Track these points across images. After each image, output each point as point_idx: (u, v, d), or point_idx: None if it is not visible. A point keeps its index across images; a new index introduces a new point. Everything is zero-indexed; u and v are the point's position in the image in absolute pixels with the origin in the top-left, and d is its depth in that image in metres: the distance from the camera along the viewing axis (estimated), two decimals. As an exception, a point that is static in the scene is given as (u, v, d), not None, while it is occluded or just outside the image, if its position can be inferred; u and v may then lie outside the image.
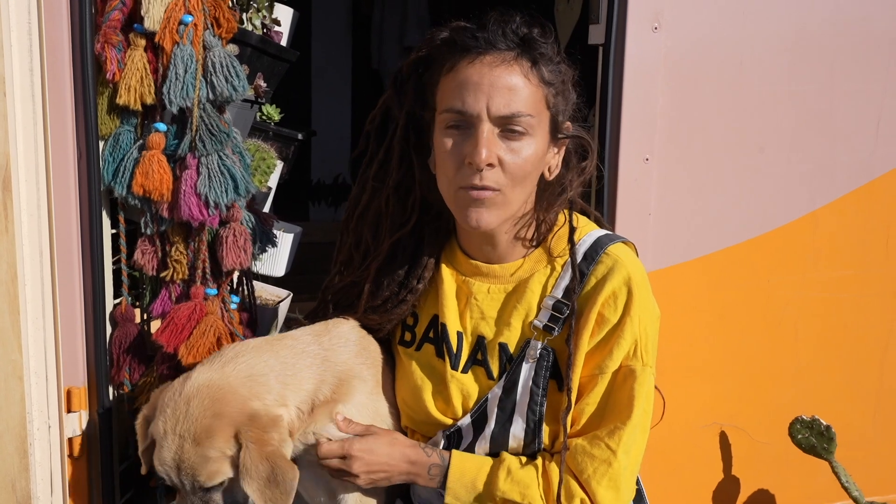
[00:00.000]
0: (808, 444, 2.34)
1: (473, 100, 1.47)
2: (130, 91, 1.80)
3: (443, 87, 1.54)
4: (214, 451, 1.47)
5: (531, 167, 1.52)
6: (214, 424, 1.48)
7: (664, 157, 2.23)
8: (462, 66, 1.50)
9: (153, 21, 1.78)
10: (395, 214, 1.69)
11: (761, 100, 2.31)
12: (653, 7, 2.13)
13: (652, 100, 2.18)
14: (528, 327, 1.60)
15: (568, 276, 1.58)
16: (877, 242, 2.49)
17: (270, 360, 1.61)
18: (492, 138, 1.48)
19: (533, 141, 1.51)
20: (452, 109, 1.50)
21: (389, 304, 1.70)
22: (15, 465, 1.82)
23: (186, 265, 1.91)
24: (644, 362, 1.55)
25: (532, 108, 1.49)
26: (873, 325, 2.54)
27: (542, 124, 1.53)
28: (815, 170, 2.40)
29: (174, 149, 1.85)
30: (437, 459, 1.60)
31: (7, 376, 1.78)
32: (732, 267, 2.38)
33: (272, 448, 1.49)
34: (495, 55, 1.49)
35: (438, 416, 1.64)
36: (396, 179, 1.67)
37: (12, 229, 1.74)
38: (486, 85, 1.47)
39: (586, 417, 1.57)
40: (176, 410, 1.50)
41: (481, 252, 1.65)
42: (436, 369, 1.66)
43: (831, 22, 2.33)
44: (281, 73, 2.70)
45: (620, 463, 1.53)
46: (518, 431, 1.59)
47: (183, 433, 1.48)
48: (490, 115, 1.47)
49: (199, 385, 1.52)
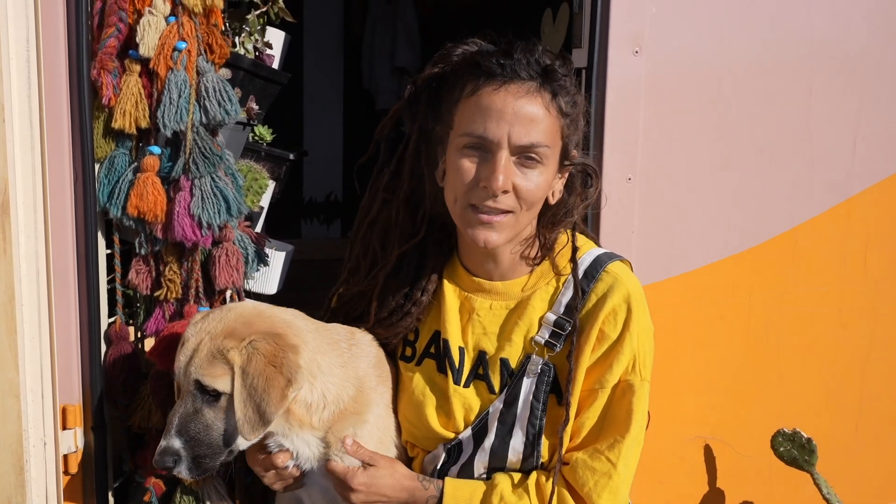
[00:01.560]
0: (789, 457, 2.38)
1: (496, 127, 1.50)
2: (126, 115, 1.85)
3: (463, 108, 1.56)
4: (224, 350, 1.49)
5: (542, 193, 1.57)
6: (239, 328, 1.51)
7: (646, 177, 2.28)
8: (486, 92, 1.52)
9: (148, 48, 1.83)
10: (405, 225, 1.71)
11: (740, 120, 2.36)
12: (634, 31, 2.19)
13: (634, 121, 2.23)
14: (529, 343, 1.63)
15: (569, 293, 1.62)
16: (855, 258, 2.54)
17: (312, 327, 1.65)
18: (509, 165, 1.51)
19: (546, 169, 1.55)
20: (473, 134, 1.52)
21: (395, 316, 1.72)
22: (11, 481, 1.85)
23: (180, 284, 1.95)
24: (642, 377, 1.59)
25: (549, 138, 1.53)
26: (853, 339, 2.59)
27: (555, 153, 1.57)
28: (794, 188, 2.45)
29: (168, 171, 1.89)
30: (433, 491, 1.62)
31: (4, 394, 1.81)
32: (715, 283, 2.42)
33: (276, 371, 1.48)
34: (519, 85, 1.51)
35: (440, 431, 1.66)
36: (407, 191, 1.70)
37: (10, 250, 1.78)
38: (510, 114, 1.50)
39: (586, 431, 1.60)
40: (215, 314, 1.56)
41: (483, 269, 1.68)
42: (437, 384, 1.69)
43: (808, 44, 2.39)
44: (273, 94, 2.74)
45: (620, 475, 1.57)
46: (518, 445, 1.62)
47: (210, 330, 1.52)
48: (510, 144, 1.50)
49: (247, 304, 1.60)
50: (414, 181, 1.70)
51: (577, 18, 2.24)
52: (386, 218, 1.73)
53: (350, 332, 1.74)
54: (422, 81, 1.66)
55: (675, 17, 2.25)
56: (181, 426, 1.51)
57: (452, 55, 1.61)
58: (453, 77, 1.60)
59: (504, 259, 1.66)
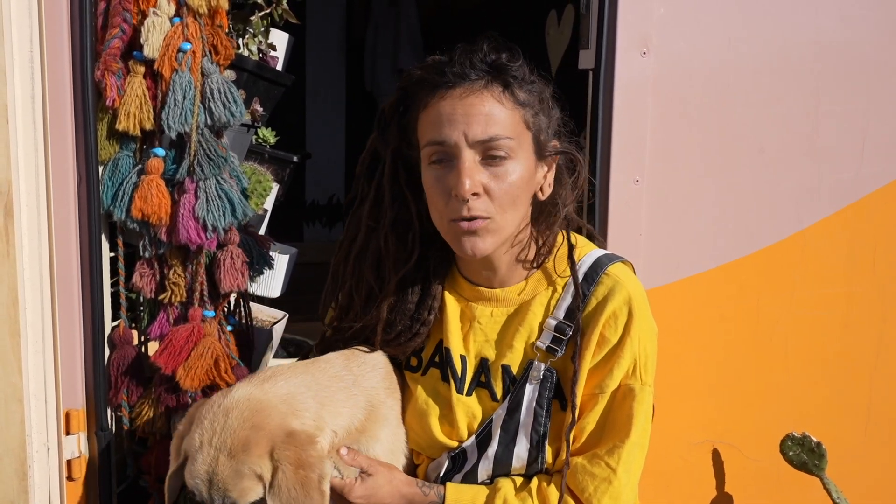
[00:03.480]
0: (799, 461, 2.36)
1: (450, 130, 1.48)
2: (130, 117, 1.84)
3: (421, 123, 1.55)
4: (248, 466, 1.42)
5: (518, 190, 1.53)
6: (252, 436, 1.44)
7: (654, 179, 2.26)
8: (434, 102, 1.51)
9: (152, 49, 1.82)
10: (398, 252, 1.68)
11: (748, 121, 2.35)
12: (641, 32, 2.18)
13: (641, 123, 2.22)
14: (530, 348, 1.61)
15: (569, 296, 1.60)
16: (864, 261, 2.53)
17: (307, 380, 1.58)
18: (474, 167, 1.49)
19: (517, 164, 1.51)
20: (433, 142, 1.51)
21: (403, 337, 1.68)
22: (14, 487, 1.83)
23: (184, 287, 1.93)
24: (643, 381, 1.57)
25: (511, 130, 1.50)
26: (862, 342, 2.57)
27: (525, 145, 1.53)
28: (801, 190, 2.43)
29: (172, 173, 1.88)
30: (434, 497, 1.60)
31: (7, 399, 1.80)
32: (722, 285, 2.40)
33: (308, 474, 1.43)
34: (465, 87, 1.49)
35: (444, 440, 1.64)
36: (392, 217, 1.67)
37: (13, 253, 1.76)
38: (461, 115, 1.48)
39: (586, 436, 1.58)
40: (214, 422, 1.46)
41: (482, 277, 1.66)
42: (441, 394, 1.67)
43: (816, 45, 2.38)
44: (277, 96, 2.73)
45: (621, 481, 1.54)
46: (522, 451, 1.60)
47: (219, 445, 1.43)
48: (469, 142, 1.48)
49: (239, 398, 1.48)
50: (396, 206, 1.67)
51: (583, 19, 2.22)
52: (375, 247, 1.69)
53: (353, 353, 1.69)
54: (388, 108, 1.65)
55: (683, 18, 2.23)
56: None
57: (412, 77, 1.59)
58: (411, 97, 1.60)
59: (501, 265, 1.63)
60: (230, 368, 1.93)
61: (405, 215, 1.67)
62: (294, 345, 3.18)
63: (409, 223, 1.67)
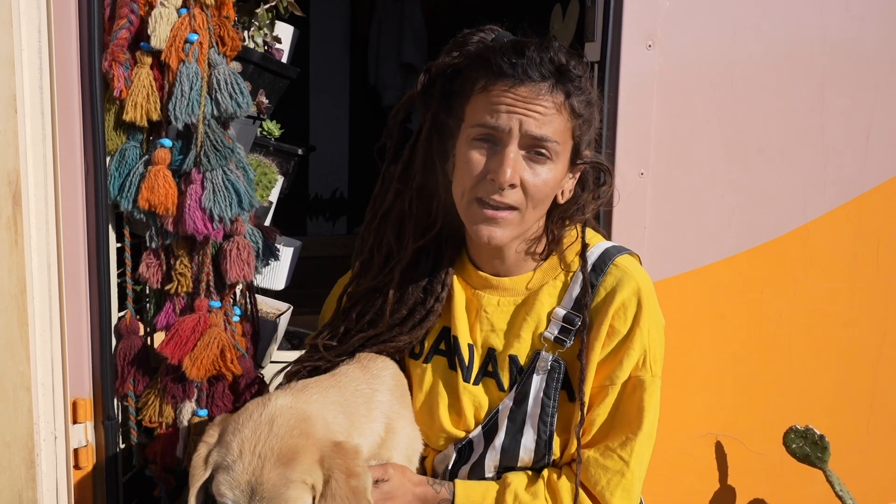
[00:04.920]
0: (802, 454, 2.37)
1: (507, 119, 1.48)
2: (137, 108, 1.84)
3: (474, 103, 1.54)
4: (298, 473, 1.37)
5: (549, 190, 1.54)
6: (301, 444, 1.39)
7: (659, 172, 2.27)
8: (496, 90, 1.50)
9: (159, 40, 1.82)
10: (419, 217, 1.68)
11: (753, 115, 2.35)
12: (647, 25, 2.18)
13: (646, 116, 2.22)
14: (538, 339, 1.61)
15: (578, 287, 1.60)
16: (867, 255, 2.53)
17: (337, 396, 1.56)
18: (518, 159, 1.50)
19: (555, 166, 1.53)
20: (485, 125, 1.50)
21: (417, 314, 1.67)
22: (22, 475, 1.84)
23: (191, 278, 1.93)
24: (653, 373, 1.57)
25: (560, 136, 1.51)
26: (865, 335, 2.57)
27: (566, 152, 1.54)
28: (806, 184, 2.44)
29: (179, 164, 1.88)
30: (445, 494, 1.60)
31: (15, 387, 1.80)
32: (726, 279, 2.41)
33: (359, 484, 1.40)
34: (531, 87, 1.48)
35: (451, 430, 1.65)
36: (420, 182, 1.67)
37: (22, 243, 1.77)
38: (521, 109, 1.48)
39: (596, 428, 1.58)
40: (257, 430, 1.40)
41: (491, 265, 1.66)
42: (448, 382, 1.67)
43: (821, 40, 2.38)
44: (282, 89, 2.74)
45: (633, 473, 1.55)
46: (529, 443, 1.60)
47: (264, 453, 1.37)
48: (521, 133, 1.48)
49: (281, 406, 1.44)
50: (426, 172, 1.67)
51: (589, 12, 2.23)
52: (399, 209, 1.69)
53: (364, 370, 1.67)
54: (436, 69, 1.64)
55: (688, 11, 2.23)
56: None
57: (468, 43, 1.60)
58: (467, 70, 1.58)
59: (510, 256, 1.64)
60: (236, 359, 1.93)
61: (432, 183, 1.67)
62: (298, 337, 3.18)
63: (435, 192, 1.67)
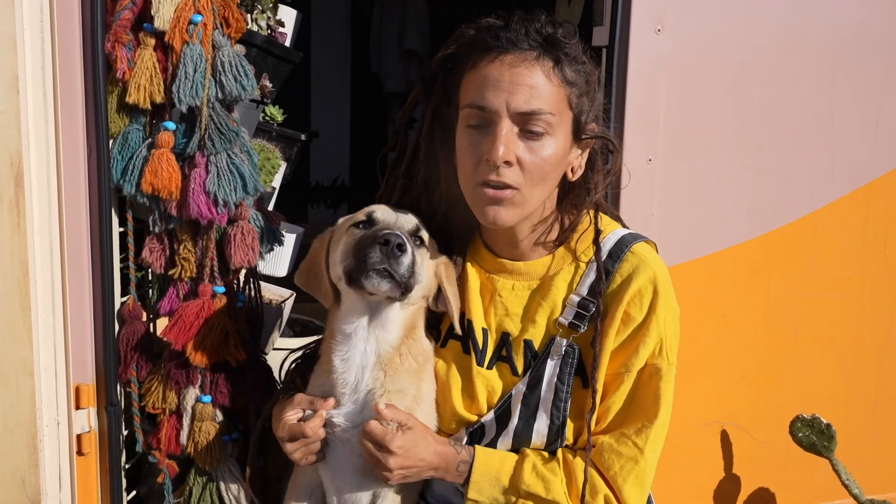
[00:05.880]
0: (808, 443, 2.36)
1: (493, 96, 1.48)
2: (140, 90, 1.82)
3: (465, 83, 1.55)
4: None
5: (550, 167, 1.52)
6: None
7: (667, 159, 2.25)
8: (483, 64, 1.51)
9: (163, 20, 1.79)
10: (425, 211, 1.69)
11: (762, 102, 2.33)
12: (656, 10, 2.15)
13: (655, 101, 2.20)
14: (552, 324, 1.61)
15: (593, 274, 1.59)
16: (875, 243, 2.52)
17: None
18: (510, 137, 1.48)
19: (553, 141, 1.51)
20: (473, 105, 1.51)
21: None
22: (25, 460, 1.83)
23: (194, 263, 1.92)
24: (669, 361, 1.57)
25: (553, 107, 1.49)
26: (872, 324, 2.56)
27: (564, 124, 1.53)
28: (815, 171, 2.42)
29: (183, 147, 1.86)
30: (465, 456, 1.60)
31: (18, 372, 1.79)
32: (733, 267, 2.39)
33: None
34: (516, 54, 1.49)
35: (464, 413, 1.65)
36: (425, 176, 1.68)
37: (24, 226, 1.75)
38: (507, 83, 1.47)
39: (612, 415, 1.58)
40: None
41: (505, 249, 1.66)
42: (462, 366, 1.67)
43: (831, 25, 2.36)
44: (285, 73, 2.71)
45: (647, 461, 1.55)
46: (542, 427, 1.59)
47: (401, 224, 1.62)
48: (509, 112, 1.47)
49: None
50: (430, 165, 1.68)
51: (598, -4, 2.20)
52: (407, 206, 1.70)
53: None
54: (436, 64, 1.65)
55: (698, -5, 2.21)
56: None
57: (465, 36, 1.59)
58: (460, 56, 1.59)
59: (522, 240, 1.63)
60: (240, 345, 1.92)
61: (435, 175, 1.68)
62: (300, 325, 3.17)
63: (437, 183, 1.68)
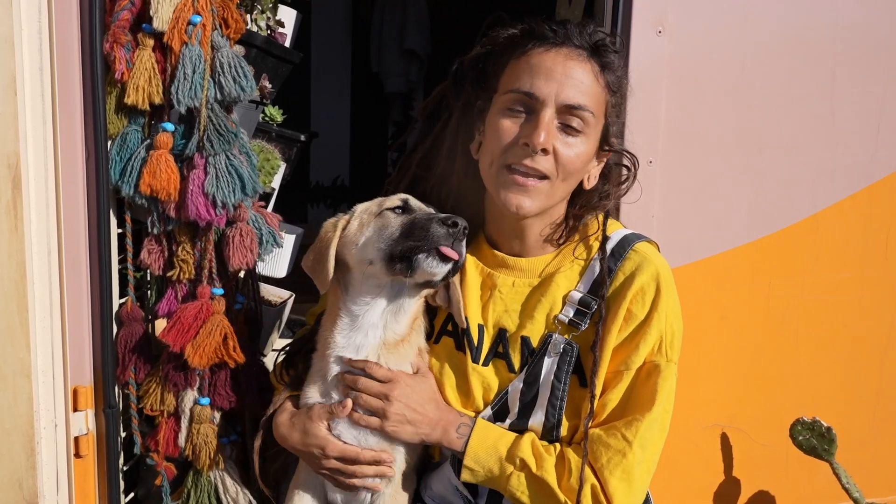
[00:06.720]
0: (808, 446, 2.35)
1: (544, 84, 1.51)
2: (139, 90, 1.81)
3: (511, 69, 1.57)
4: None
5: (581, 164, 1.56)
6: None
7: (668, 160, 2.24)
8: (536, 52, 1.54)
9: (162, 21, 1.79)
10: (434, 203, 1.71)
11: (763, 103, 2.32)
12: (657, 11, 2.15)
13: (656, 103, 2.19)
14: (551, 321, 1.61)
15: (595, 272, 1.60)
16: (877, 245, 2.51)
17: None
18: (552, 126, 1.52)
19: (586, 140, 1.55)
20: (520, 90, 1.53)
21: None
22: (22, 463, 1.82)
23: (193, 265, 1.91)
24: (668, 358, 1.57)
25: (595, 107, 1.54)
26: (873, 327, 2.55)
27: (597, 129, 1.57)
28: (816, 173, 2.41)
29: (181, 148, 1.85)
30: (467, 420, 1.61)
31: (15, 374, 1.78)
32: (734, 269, 2.39)
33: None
34: (571, 49, 1.53)
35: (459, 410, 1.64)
36: (444, 169, 1.71)
37: (21, 227, 1.74)
38: (559, 73, 1.51)
39: (607, 412, 1.58)
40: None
41: (509, 245, 1.68)
42: (456, 363, 1.67)
43: (832, 27, 2.35)
44: (284, 74, 2.70)
45: (636, 456, 1.53)
46: (538, 424, 1.60)
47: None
48: (556, 102, 1.51)
49: None
50: (450, 159, 1.71)
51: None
52: (419, 196, 1.71)
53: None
54: (469, 61, 1.68)
55: (699, -4, 2.20)
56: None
57: (501, 36, 1.63)
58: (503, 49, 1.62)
59: (531, 236, 1.65)
60: (238, 347, 1.91)
61: (450, 169, 1.71)
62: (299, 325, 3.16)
63: (450, 177, 1.71)
